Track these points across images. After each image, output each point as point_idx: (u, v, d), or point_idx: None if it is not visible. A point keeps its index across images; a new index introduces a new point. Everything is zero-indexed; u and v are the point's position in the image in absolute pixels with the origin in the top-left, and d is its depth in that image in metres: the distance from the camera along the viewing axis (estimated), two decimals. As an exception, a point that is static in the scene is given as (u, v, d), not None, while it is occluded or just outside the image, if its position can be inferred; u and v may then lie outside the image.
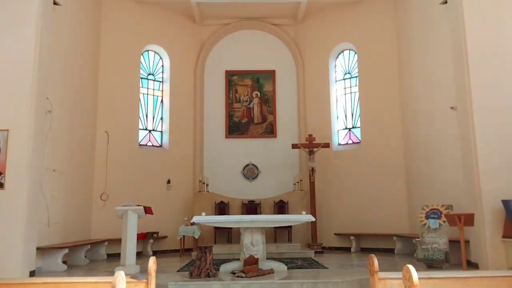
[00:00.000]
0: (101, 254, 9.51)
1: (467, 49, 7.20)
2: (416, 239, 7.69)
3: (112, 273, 6.89)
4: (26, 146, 6.68)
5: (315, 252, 9.54)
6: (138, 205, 7.28)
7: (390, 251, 9.96)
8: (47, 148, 7.59)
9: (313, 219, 6.90)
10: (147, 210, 7.25)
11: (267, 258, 7.26)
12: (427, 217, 7.50)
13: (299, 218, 6.85)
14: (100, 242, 9.41)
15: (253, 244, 6.98)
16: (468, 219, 6.04)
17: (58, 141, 8.24)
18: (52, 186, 7.88)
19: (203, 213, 7.02)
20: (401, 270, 3.29)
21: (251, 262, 6.68)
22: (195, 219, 6.83)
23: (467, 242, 7.02)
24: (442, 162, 8.39)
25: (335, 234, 11.00)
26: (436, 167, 8.66)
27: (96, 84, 10.33)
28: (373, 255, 3.67)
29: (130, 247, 7.09)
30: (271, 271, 6.59)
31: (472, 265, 7.06)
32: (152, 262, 3.61)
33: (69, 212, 8.63)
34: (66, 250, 7.66)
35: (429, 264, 7.22)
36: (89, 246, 8.77)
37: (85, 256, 8.80)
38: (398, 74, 10.66)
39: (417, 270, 2.85)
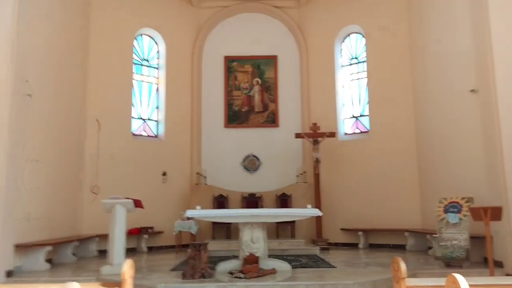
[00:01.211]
0: (91, 250, 8.91)
1: (490, 24, 6.47)
2: (434, 235, 7.01)
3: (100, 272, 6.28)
4: (1, 133, 6.02)
5: (321, 249, 8.91)
6: (127, 198, 6.61)
7: (401, 247, 9.33)
8: (28, 136, 6.92)
9: (320, 213, 6.24)
10: (137, 204, 6.60)
11: (268, 256, 6.62)
12: (446, 211, 6.82)
13: (304, 212, 6.18)
14: (90, 238, 8.79)
15: (253, 241, 6.32)
16: (495, 213, 5.37)
17: (42, 129, 7.58)
18: (35, 178, 7.22)
19: (198, 207, 6.37)
20: (415, 268, 2.69)
21: (251, 261, 6.03)
22: (189, 213, 6.18)
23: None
24: (460, 151, 7.68)
25: (341, 229, 10.36)
26: (453, 157, 7.96)
27: (85, 69, 9.65)
28: (398, 258, 2.98)
29: (118, 244, 6.45)
30: (273, 271, 5.94)
31: (495, 264, 6.38)
32: (128, 266, 2.95)
33: (56, 206, 7.98)
34: (50, 248, 7.01)
35: (448, 262, 6.55)
36: (77, 243, 8.15)
37: (73, 254, 8.19)
38: (410, 58, 9.94)
39: (435, 269, 2.22)
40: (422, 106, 9.43)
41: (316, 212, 6.17)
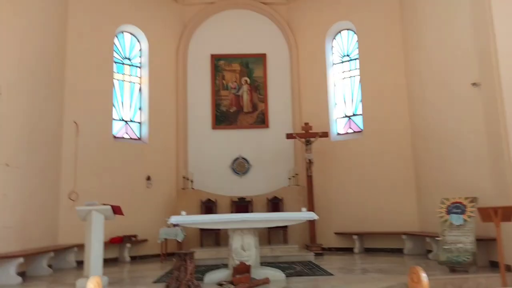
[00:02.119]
0: (69, 261, 8.29)
1: (492, 11, 6.10)
2: (436, 238, 6.57)
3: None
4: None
5: (315, 255, 8.42)
6: (104, 204, 6.04)
7: (398, 251, 8.92)
8: (-5, 137, 6.32)
9: (316, 217, 5.76)
10: (116, 210, 6.02)
11: (261, 264, 6.11)
12: (448, 212, 6.39)
13: (299, 216, 5.69)
14: (67, 248, 8.17)
15: (244, 249, 5.80)
16: (507, 213, 4.94)
17: (15, 132, 6.97)
18: (3, 184, 6.59)
19: (183, 212, 5.84)
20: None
21: (242, 270, 5.51)
22: (173, 219, 5.64)
23: (494, 240, 5.91)
24: (461, 149, 7.29)
25: (335, 233, 9.91)
26: (452, 156, 7.56)
27: (62, 67, 9.04)
28: (418, 268, 2.50)
29: (95, 255, 5.86)
30: (266, 281, 5.42)
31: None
32: (93, 284, 2.41)
33: (28, 215, 7.34)
34: (21, 260, 6.38)
35: (453, 267, 6.11)
36: (52, 254, 7.50)
37: (49, 265, 7.56)
38: (403, 54, 9.56)
39: (437, 275, 1.78)
40: (417, 104, 9.05)
41: (312, 215, 5.69)
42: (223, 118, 10.86)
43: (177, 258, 5.37)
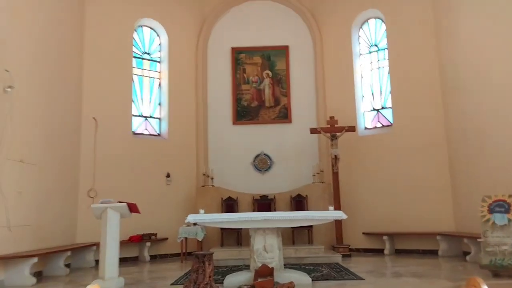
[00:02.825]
0: (88, 261, 8.08)
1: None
2: (478, 239, 6.00)
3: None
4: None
5: (342, 256, 7.94)
6: (120, 202, 5.75)
7: (432, 253, 8.39)
8: (9, 133, 6.11)
9: (345, 216, 5.30)
10: (132, 208, 5.72)
11: (284, 266, 5.69)
12: (491, 211, 5.80)
13: (327, 215, 5.24)
14: (86, 247, 7.96)
15: (267, 250, 5.40)
16: None
17: (28, 126, 6.77)
18: (18, 181, 6.39)
19: (202, 210, 5.48)
20: (454, 278, 1.82)
21: (265, 273, 5.11)
22: (190, 218, 5.29)
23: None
24: (501, 143, 6.67)
25: (363, 233, 9.38)
26: (490, 150, 6.95)
27: (80, 62, 8.87)
28: (478, 279, 2.03)
29: (110, 255, 5.56)
30: (290, 285, 4.99)
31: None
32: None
33: (45, 213, 7.14)
34: (35, 259, 6.16)
35: (497, 272, 5.54)
36: (69, 253, 7.28)
37: (67, 265, 7.37)
38: (436, 43, 8.94)
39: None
40: (452, 96, 8.42)
41: (340, 214, 5.23)
42: (244, 113, 10.48)
43: (195, 259, 5.02)
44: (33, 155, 6.83)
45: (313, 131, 9.30)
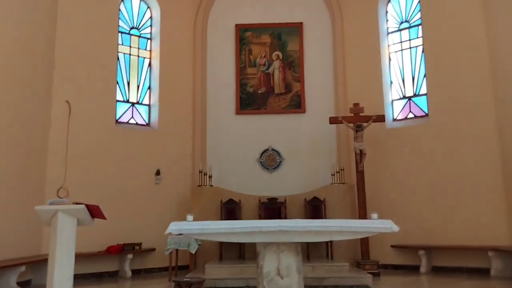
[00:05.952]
0: (53, 276, 6.46)
1: None
2: None
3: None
4: None
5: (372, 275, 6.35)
6: (77, 203, 4.15)
7: (482, 272, 6.92)
8: None
9: (396, 228, 3.73)
10: (94, 211, 4.13)
11: None
12: None
13: (372, 226, 3.63)
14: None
15: (282, 274, 3.80)
16: None
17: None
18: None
19: (190, 217, 3.91)
20: None
21: (279, 309, 3.50)
22: (173, 227, 3.71)
23: None
24: None
25: (391, 246, 7.83)
26: None
27: (52, 35, 7.42)
28: None
29: (61, 276, 4.02)
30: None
31: None
32: None
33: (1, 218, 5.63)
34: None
35: None
36: (23, 268, 5.69)
37: (24, 282, 5.79)
38: (484, 15, 7.48)
39: None
40: (504, 81, 6.96)
41: (390, 225, 3.66)
42: (249, 101, 9.09)
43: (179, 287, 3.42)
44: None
45: (333, 120, 7.87)
